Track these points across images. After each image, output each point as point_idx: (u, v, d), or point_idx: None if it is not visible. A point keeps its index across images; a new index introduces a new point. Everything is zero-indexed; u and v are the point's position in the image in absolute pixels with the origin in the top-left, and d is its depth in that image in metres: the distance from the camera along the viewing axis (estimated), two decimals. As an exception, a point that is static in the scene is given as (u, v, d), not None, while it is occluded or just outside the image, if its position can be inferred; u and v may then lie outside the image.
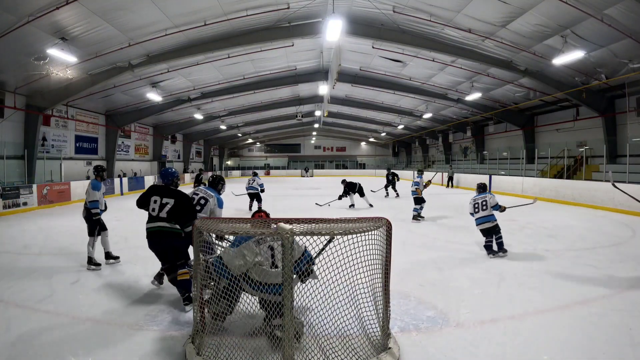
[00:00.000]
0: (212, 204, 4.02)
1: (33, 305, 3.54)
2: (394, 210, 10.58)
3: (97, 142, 17.31)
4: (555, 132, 16.44)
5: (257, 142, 40.18)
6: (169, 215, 3.43)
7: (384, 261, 2.71)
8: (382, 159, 39.75)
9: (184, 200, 3.53)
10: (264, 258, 2.78)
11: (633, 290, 3.87)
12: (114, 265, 4.99)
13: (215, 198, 4.07)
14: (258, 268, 2.73)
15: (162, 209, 3.44)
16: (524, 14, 8.78)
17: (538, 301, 3.60)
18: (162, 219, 3.43)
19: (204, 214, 3.94)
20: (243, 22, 10.00)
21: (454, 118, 22.05)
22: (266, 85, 16.74)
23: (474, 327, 3.05)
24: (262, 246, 2.82)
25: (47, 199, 11.65)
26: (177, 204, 3.46)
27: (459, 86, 15.51)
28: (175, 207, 3.44)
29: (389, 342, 2.64)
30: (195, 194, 4.06)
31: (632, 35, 8.75)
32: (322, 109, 22.48)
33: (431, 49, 11.28)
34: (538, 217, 9.08)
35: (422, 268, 4.79)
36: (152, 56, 11.08)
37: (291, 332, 2.27)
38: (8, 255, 5.58)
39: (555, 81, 12.57)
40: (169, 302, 3.62)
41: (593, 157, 13.98)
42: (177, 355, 2.62)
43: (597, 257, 5.27)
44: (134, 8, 8.40)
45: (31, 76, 10.94)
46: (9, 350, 2.68)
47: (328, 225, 2.62)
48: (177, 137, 26.51)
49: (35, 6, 7.61)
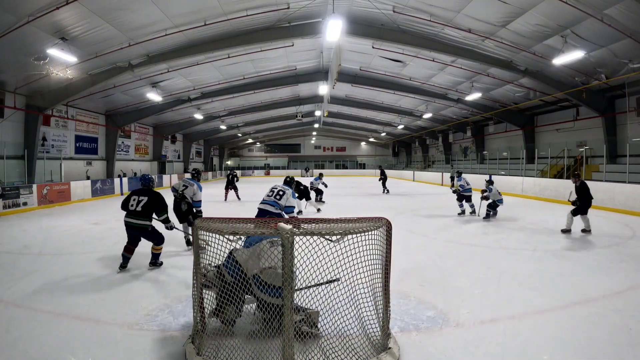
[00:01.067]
0: (288, 196, 5.31)
1: (33, 305, 3.53)
2: (394, 210, 10.58)
3: (97, 142, 17.31)
4: (555, 132, 16.45)
5: (257, 142, 40.19)
6: (143, 209, 4.54)
7: (384, 261, 2.71)
8: (382, 159, 39.75)
9: (156, 197, 4.68)
10: (276, 260, 2.77)
11: (633, 290, 3.87)
12: (114, 265, 4.99)
13: (291, 191, 5.39)
14: (269, 271, 2.72)
15: (138, 204, 4.56)
16: (524, 14, 8.78)
17: (538, 301, 3.59)
18: (138, 212, 4.53)
19: (283, 202, 5.23)
20: (243, 22, 10.00)
21: (454, 118, 22.06)
22: (266, 85, 16.74)
23: (474, 327, 3.05)
24: (274, 248, 2.82)
25: (47, 199, 11.65)
26: (150, 200, 4.61)
27: (459, 86, 15.51)
28: (148, 203, 4.58)
29: (389, 342, 2.64)
30: (275, 188, 5.41)
31: (632, 35, 8.75)
32: (322, 109, 22.48)
33: (431, 49, 11.28)
34: (538, 217, 9.09)
35: (422, 268, 4.79)
36: (152, 56, 11.09)
37: (291, 332, 2.27)
38: (8, 255, 5.57)
39: (555, 81, 12.57)
40: (169, 302, 3.62)
41: (593, 157, 13.98)
42: (177, 355, 2.62)
43: (597, 257, 5.26)
44: (134, 8, 8.40)
45: (31, 76, 10.94)
46: (9, 350, 2.68)
47: (328, 225, 2.62)
48: (177, 137, 26.52)
49: (35, 6, 7.61)
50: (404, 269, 4.59)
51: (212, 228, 2.62)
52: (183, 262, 4.97)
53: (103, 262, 5.09)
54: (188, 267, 4.12)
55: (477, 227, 7.69)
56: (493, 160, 19.32)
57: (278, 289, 2.69)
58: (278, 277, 2.70)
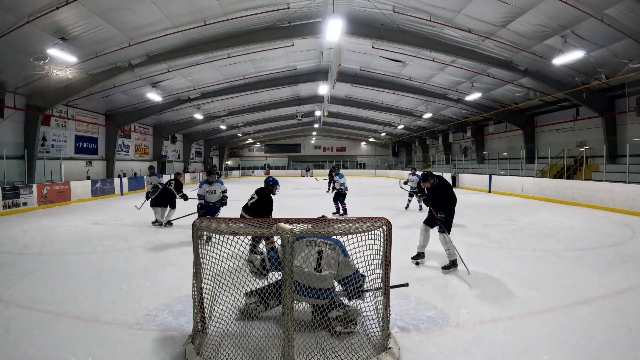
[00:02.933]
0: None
1: (33, 305, 3.53)
2: (394, 210, 10.58)
3: (97, 142, 17.31)
4: (555, 132, 16.45)
5: (257, 142, 40.17)
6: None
7: (384, 261, 2.71)
8: (382, 159, 39.76)
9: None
10: (310, 260, 2.81)
11: (633, 290, 3.87)
12: (114, 265, 4.99)
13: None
14: (300, 270, 2.77)
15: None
16: (524, 14, 8.78)
17: (538, 301, 3.59)
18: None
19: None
20: (243, 22, 10.00)
21: (454, 118, 22.06)
22: (266, 85, 16.74)
23: (474, 327, 3.05)
24: (311, 248, 2.85)
25: (47, 199, 11.65)
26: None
27: (459, 86, 15.51)
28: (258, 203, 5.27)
29: (389, 342, 2.64)
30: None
31: (632, 35, 8.75)
32: (322, 109, 22.48)
33: (431, 49, 11.28)
34: (538, 217, 9.08)
35: (422, 268, 4.79)
36: (152, 56, 11.09)
37: (291, 332, 2.27)
38: (8, 255, 5.57)
39: (555, 81, 12.57)
40: (169, 302, 3.62)
41: (593, 157, 13.98)
42: (177, 355, 2.62)
43: (597, 257, 5.26)
44: (134, 8, 8.40)
45: (31, 76, 10.94)
46: (9, 350, 2.68)
47: (328, 225, 2.62)
48: (177, 137, 26.52)
49: (35, 6, 7.61)
50: (404, 269, 4.59)
51: (212, 228, 2.62)
52: (183, 262, 4.97)
53: (103, 262, 5.09)
54: (188, 267, 4.12)
55: (477, 228, 7.69)
56: (493, 160, 19.33)
57: (309, 289, 2.76)
58: (309, 277, 2.76)
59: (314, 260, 2.82)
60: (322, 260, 2.83)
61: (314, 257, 2.82)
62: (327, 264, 2.83)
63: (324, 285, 2.79)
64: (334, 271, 2.85)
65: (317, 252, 2.84)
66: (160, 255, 5.54)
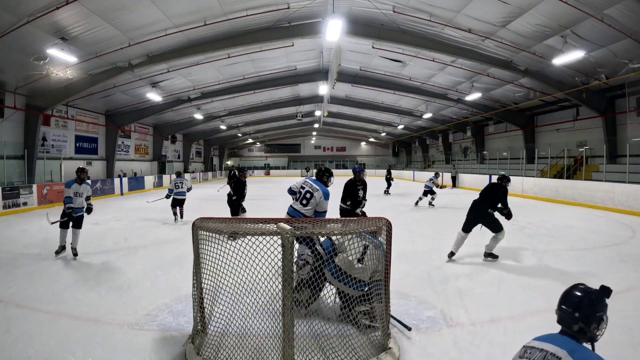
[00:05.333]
0: (318, 198, 4.01)
1: (33, 305, 3.53)
2: (394, 210, 10.58)
3: (97, 142, 17.29)
4: (555, 132, 16.43)
5: (257, 142, 40.16)
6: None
7: (384, 261, 2.71)
8: (382, 159, 39.75)
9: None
10: (356, 250, 2.94)
11: (633, 291, 3.87)
12: (114, 265, 5.00)
13: (322, 191, 4.05)
14: (344, 258, 2.92)
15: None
16: (524, 14, 8.77)
17: (538, 301, 3.59)
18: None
19: (310, 207, 4.00)
20: (243, 22, 9.99)
21: (454, 118, 22.05)
22: (266, 85, 16.72)
23: (474, 327, 3.05)
24: (359, 240, 2.97)
25: (47, 199, 11.65)
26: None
27: (459, 86, 15.51)
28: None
29: (389, 342, 2.64)
30: (302, 188, 4.16)
31: (632, 35, 8.74)
32: (322, 109, 22.47)
33: (431, 49, 11.27)
34: (538, 217, 9.08)
35: (423, 268, 4.79)
36: (152, 56, 11.08)
37: (291, 332, 2.27)
38: (8, 255, 5.57)
39: (555, 81, 12.56)
40: (169, 302, 3.62)
41: (593, 157, 13.97)
42: (177, 355, 2.62)
43: (597, 257, 5.27)
44: (134, 8, 8.39)
45: (31, 76, 10.93)
46: (9, 351, 2.68)
47: (328, 225, 2.63)
48: (177, 137, 26.51)
49: (35, 6, 7.60)
50: (404, 269, 4.59)
51: (212, 228, 2.62)
52: (183, 262, 4.97)
53: (103, 262, 5.09)
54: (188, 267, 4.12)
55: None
56: (493, 160, 19.32)
57: (349, 278, 2.88)
58: (351, 266, 2.91)
59: (359, 252, 2.94)
60: (366, 254, 2.96)
61: (360, 249, 2.94)
62: (369, 259, 2.95)
63: (361, 276, 2.91)
64: (373, 268, 2.95)
65: (364, 245, 2.97)
66: (160, 255, 5.55)
